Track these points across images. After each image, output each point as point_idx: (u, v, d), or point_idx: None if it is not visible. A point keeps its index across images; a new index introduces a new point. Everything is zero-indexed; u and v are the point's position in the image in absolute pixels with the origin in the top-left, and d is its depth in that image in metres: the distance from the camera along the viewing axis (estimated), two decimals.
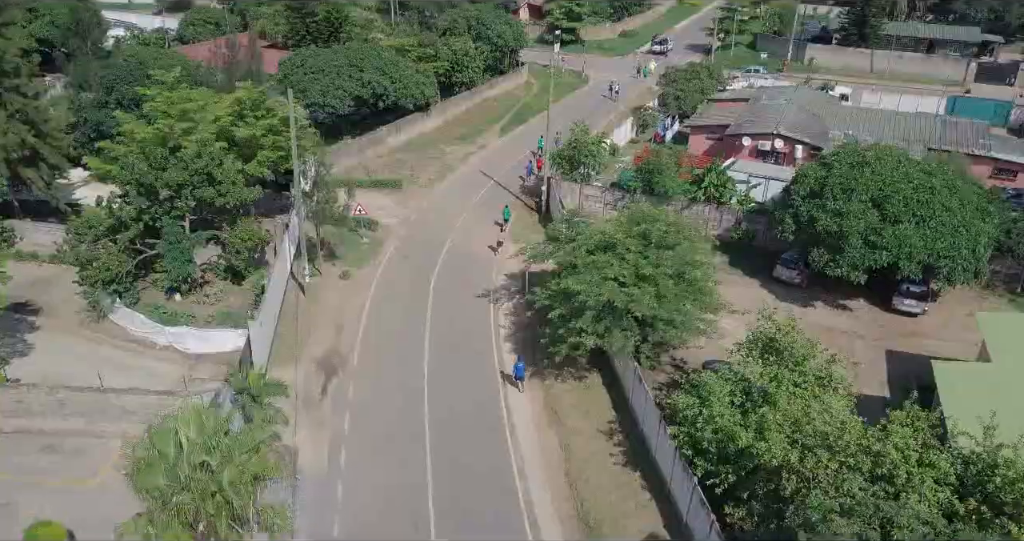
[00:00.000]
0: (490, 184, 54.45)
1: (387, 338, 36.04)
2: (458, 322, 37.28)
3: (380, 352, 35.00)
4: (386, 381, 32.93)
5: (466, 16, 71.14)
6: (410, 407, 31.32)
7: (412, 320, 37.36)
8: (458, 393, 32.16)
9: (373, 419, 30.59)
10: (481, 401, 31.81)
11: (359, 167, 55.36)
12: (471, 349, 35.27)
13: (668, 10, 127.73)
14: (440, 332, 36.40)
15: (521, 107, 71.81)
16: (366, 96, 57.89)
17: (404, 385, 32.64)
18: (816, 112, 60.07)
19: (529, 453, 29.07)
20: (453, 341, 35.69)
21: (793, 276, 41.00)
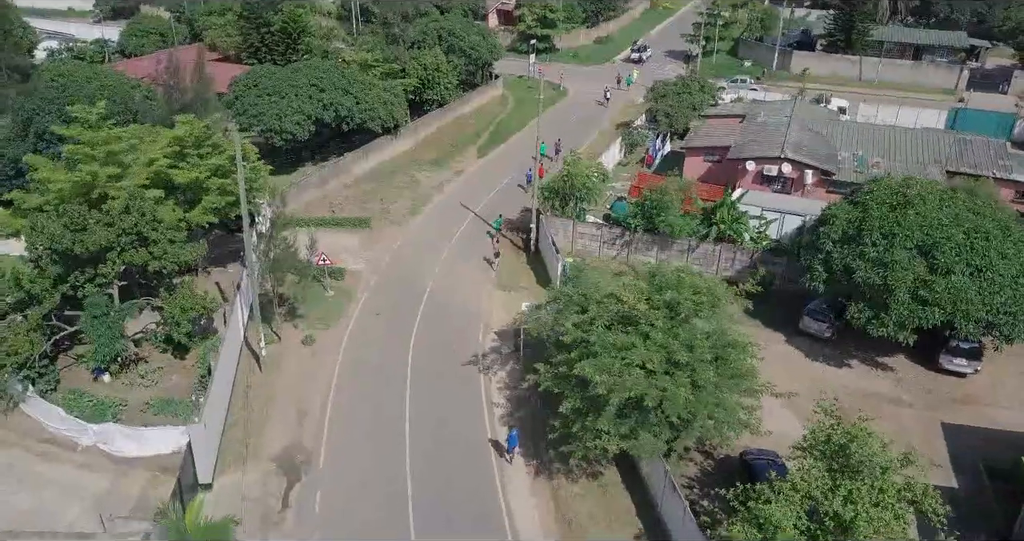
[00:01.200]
0: (470, 218, 48.85)
1: (360, 425, 30.28)
2: (443, 401, 31.63)
3: (352, 444, 29.25)
4: (361, 485, 27.22)
5: (436, 27, 65.33)
6: (392, 520, 25.67)
7: (388, 400, 31.63)
8: (450, 500, 26.58)
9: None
10: (478, 512, 26.25)
11: (322, 201, 49.38)
12: (461, 440, 29.66)
13: (643, 13, 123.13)
14: (422, 415, 30.75)
15: (498, 125, 66.25)
16: (328, 119, 51.91)
17: (383, 490, 26.98)
18: (819, 130, 55.47)
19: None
20: (438, 429, 30.05)
21: (823, 329, 36.12)
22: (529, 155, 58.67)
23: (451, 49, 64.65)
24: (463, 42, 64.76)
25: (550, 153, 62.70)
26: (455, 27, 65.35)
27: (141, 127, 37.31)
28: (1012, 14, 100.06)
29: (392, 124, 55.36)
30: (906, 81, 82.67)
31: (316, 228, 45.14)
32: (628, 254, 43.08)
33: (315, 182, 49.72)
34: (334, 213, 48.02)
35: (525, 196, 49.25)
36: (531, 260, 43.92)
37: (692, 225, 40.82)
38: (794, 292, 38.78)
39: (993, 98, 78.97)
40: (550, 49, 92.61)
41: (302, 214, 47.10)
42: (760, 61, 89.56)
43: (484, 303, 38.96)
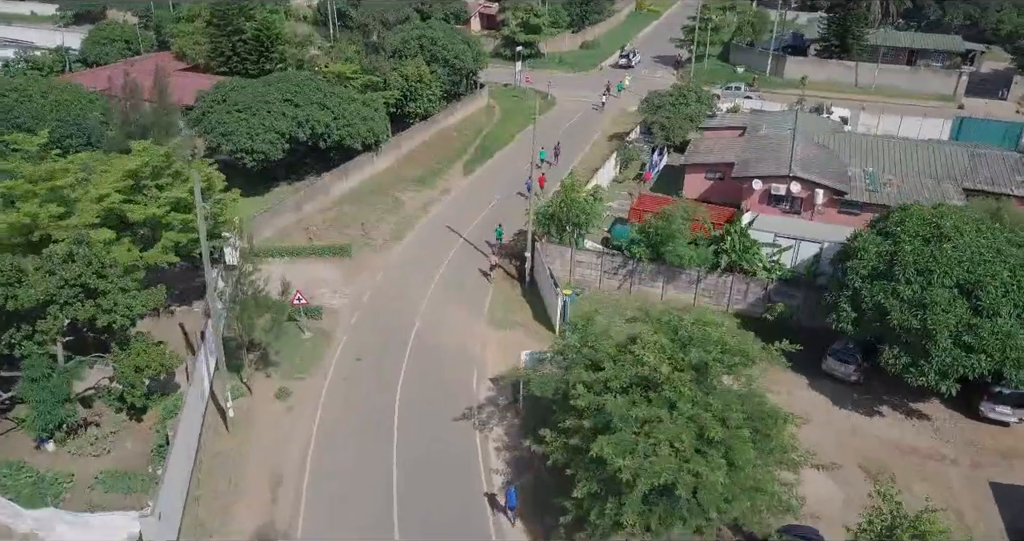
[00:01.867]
0: (458, 243, 45.32)
1: (342, 494, 26.69)
2: (435, 466, 28.09)
3: (333, 519, 25.66)
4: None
5: (418, 35, 61.68)
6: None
7: (373, 465, 28.06)
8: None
9: None
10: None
11: (297, 227, 45.66)
12: (456, 511, 26.16)
13: (628, 17, 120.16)
14: (412, 482, 27.21)
15: (485, 138, 62.76)
16: (303, 136, 48.15)
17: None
18: (825, 143, 52.51)
19: None
20: (430, 499, 26.51)
21: (849, 372, 33.01)
22: (519, 171, 55.72)
23: (434, 58, 61.07)
24: (447, 51, 61.18)
25: (550, 158, 60.40)
26: (438, 35, 61.75)
27: (92, 155, 33.42)
28: (1006, 16, 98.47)
29: (373, 140, 51.68)
30: (903, 87, 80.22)
31: (292, 258, 41.67)
32: (631, 284, 39.76)
33: (290, 206, 45.93)
34: (311, 240, 44.30)
35: (519, 216, 45.71)
36: (526, 291, 40.47)
37: (701, 255, 37.53)
38: (813, 327, 35.76)
39: (992, 104, 76.80)
40: (535, 55, 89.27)
41: (276, 243, 43.45)
42: (753, 66, 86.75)
43: (477, 344, 35.45)
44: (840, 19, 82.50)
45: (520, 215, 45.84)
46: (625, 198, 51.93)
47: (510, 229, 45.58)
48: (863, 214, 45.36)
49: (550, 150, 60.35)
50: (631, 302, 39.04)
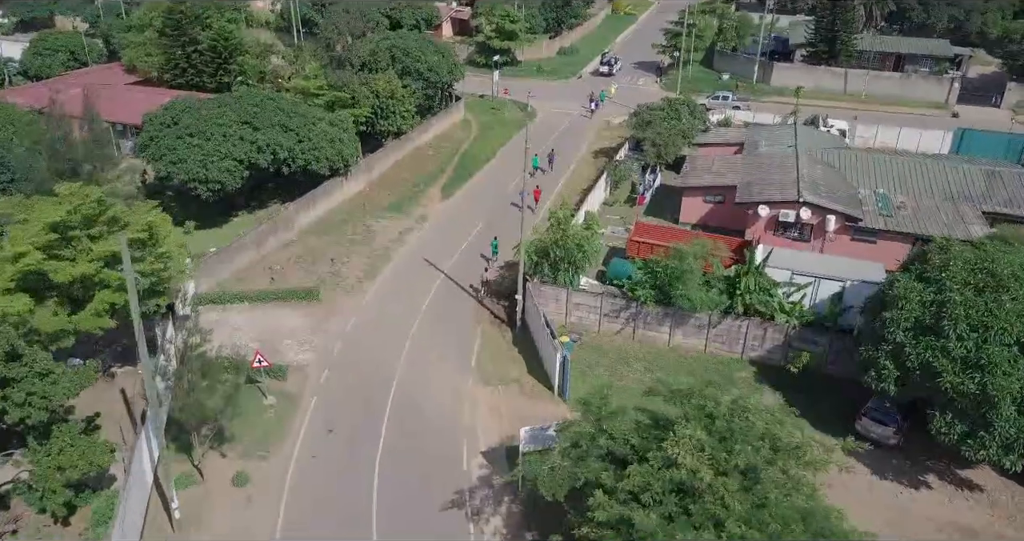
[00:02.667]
0: (440, 280, 40.97)
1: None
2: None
3: None
4: None
5: (388, 46, 57.07)
6: None
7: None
8: None
9: None
10: None
11: (259, 266, 40.94)
12: None
13: (604, 19, 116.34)
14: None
15: (463, 156, 58.35)
16: (264, 163, 43.43)
17: None
18: (829, 161, 49.04)
19: None
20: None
21: (887, 435, 29.25)
22: (502, 193, 51.50)
23: (406, 71, 56.54)
24: (420, 63, 56.68)
25: (544, 165, 57.12)
26: (410, 45, 57.22)
27: (11, 200, 28.53)
28: (989, 19, 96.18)
29: (341, 164, 47.06)
30: (894, 94, 77.31)
31: (253, 303, 36.99)
32: (635, 328, 35.70)
33: (250, 242, 41.16)
34: (273, 281, 39.61)
35: (513, 228, 41.30)
36: (517, 337, 36.22)
37: (713, 299, 33.55)
38: (839, 376, 32.10)
39: (986, 112, 74.20)
40: (511, 62, 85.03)
41: (235, 285, 38.75)
42: (738, 73, 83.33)
43: (465, 407, 31.15)
44: (828, 24, 79.32)
45: (513, 227, 41.67)
46: (617, 223, 47.97)
47: (504, 243, 41.66)
48: (879, 242, 42.00)
49: (544, 157, 57.00)
50: (635, 349, 35.13)
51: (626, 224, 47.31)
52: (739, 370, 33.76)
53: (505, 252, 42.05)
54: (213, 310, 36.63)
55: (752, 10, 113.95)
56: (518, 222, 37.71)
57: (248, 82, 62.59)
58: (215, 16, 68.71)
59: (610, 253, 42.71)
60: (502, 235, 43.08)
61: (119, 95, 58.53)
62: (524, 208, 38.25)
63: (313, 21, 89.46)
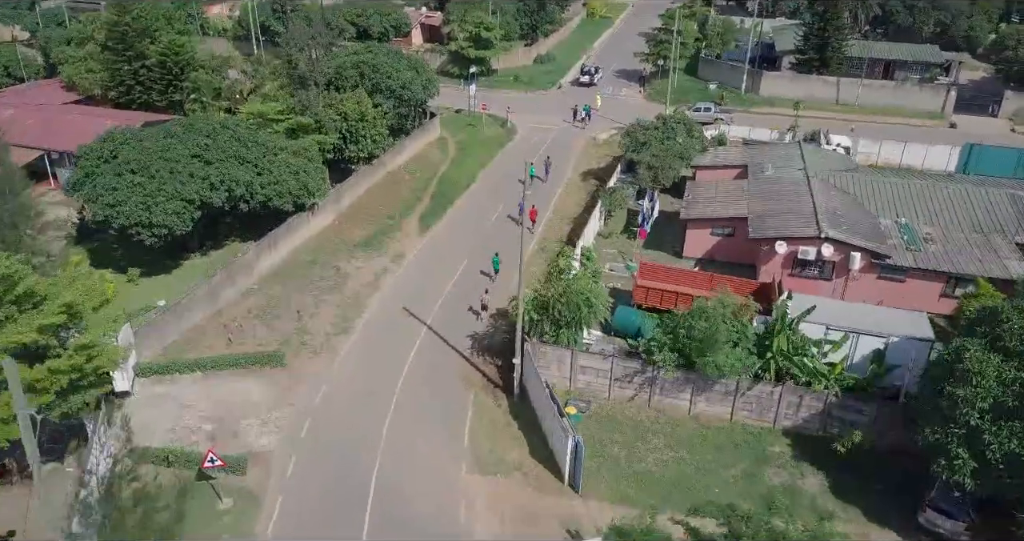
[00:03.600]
0: (423, 333, 36.07)
1: None
2: None
3: None
4: None
5: (356, 62, 51.83)
6: None
7: None
8: None
9: None
10: None
11: (213, 323, 35.67)
12: None
13: (579, 24, 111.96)
14: None
15: (441, 181, 53.39)
16: (218, 202, 38.14)
17: None
18: (842, 186, 45.07)
19: None
20: None
21: (957, 531, 25.05)
22: (486, 224, 46.76)
23: (376, 89, 51.38)
24: (392, 80, 51.55)
25: (540, 174, 54.28)
26: (380, 61, 52.06)
27: None
28: (976, 23, 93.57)
29: (307, 198, 41.89)
30: (889, 104, 73.92)
31: (206, 372, 31.77)
32: (651, 395, 31.14)
33: (203, 295, 35.82)
34: (231, 341, 34.36)
35: (512, 244, 36.59)
36: (516, 406, 31.45)
37: (742, 359, 29.09)
38: (890, 451, 27.92)
39: (983, 122, 71.10)
40: (487, 72, 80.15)
41: (185, 349, 33.48)
42: (726, 83, 79.33)
43: (460, 504, 26.37)
44: (819, 30, 75.66)
45: (510, 242, 38.06)
46: (615, 257, 43.47)
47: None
48: (908, 280, 37.97)
49: (540, 165, 54.73)
50: (651, 419, 30.61)
51: (626, 260, 42.84)
52: (772, 443, 29.42)
53: (506, 269, 38.45)
54: (160, 382, 31.42)
55: (727, 13, 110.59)
56: (515, 231, 33.09)
57: (203, 100, 57.05)
58: (164, 28, 62.89)
59: (619, 306, 38.02)
60: (497, 247, 39.52)
61: (55, 117, 52.69)
62: (523, 229, 33.51)
63: (273, 29, 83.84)
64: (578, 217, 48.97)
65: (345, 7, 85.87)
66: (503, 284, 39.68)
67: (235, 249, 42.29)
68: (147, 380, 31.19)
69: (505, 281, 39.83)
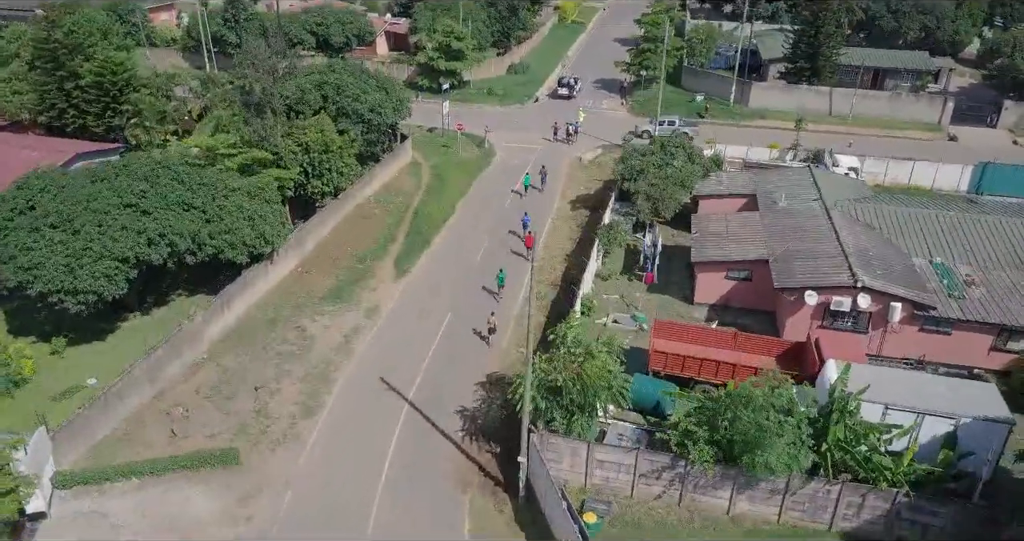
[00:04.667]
0: (404, 412, 30.74)
1: None
2: None
3: None
4: None
5: (318, 83, 46.03)
6: None
7: None
8: None
9: None
10: None
11: (153, 409, 29.91)
12: None
13: (552, 30, 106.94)
14: None
15: (416, 214, 47.94)
16: (158, 258, 32.31)
17: None
18: (864, 219, 40.71)
19: None
20: None
21: None
22: (469, 268, 41.54)
23: (342, 113, 45.74)
24: (359, 103, 45.89)
25: (536, 183, 52.13)
26: (345, 81, 46.34)
27: None
28: (961, 27, 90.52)
29: (264, 247, 36.21)
30: (884, 115, 70.16)
31: (144, 477, 26.08)
32: (682, 493, 26.18)
33: (141, 375, 29.97)
34: (175, 434, 28.63)
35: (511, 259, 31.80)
36: (521, 511, 26.30)
37: (800, 461, 24.24)
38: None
39: (981, 133, 67.71)
40: (459, 85, 74.70)
41: (118, 450, 27.69)
42: (713, 94, 74.93)
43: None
44: (810, 38, 71.59)
45: (508, 255, 33.22)
46: (619, 306, 38.53)
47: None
48: (954, 333, 33.60)
49: (535, 174, 52.42)
50: (684, 521, 25.71)
51: (632, 309, 37.90)
52: None
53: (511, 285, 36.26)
54: (85, 494, 25.65)
55: (699, 16, 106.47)
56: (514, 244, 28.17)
57: (145, 124, 50.84)
58: (100, 44, 56.46)
59: (634, 375, 33.03)
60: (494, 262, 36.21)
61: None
62: (530, 261, 28.54)
63: (226, 40, 77.45)
64: (571, 254, 44.02)
65: (303, 15, 79.66)
66: (507, 301, 38.51)
67: (182, 306, 36.53)
68: (68, 494, 25.43)
69: (510, 300, 38.56)
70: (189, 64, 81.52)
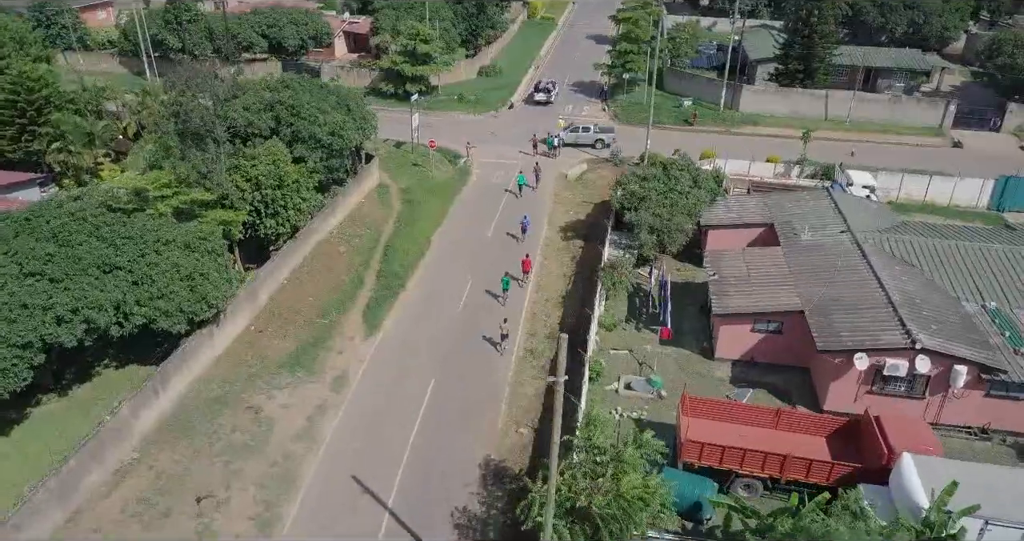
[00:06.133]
0: (384, 521, 24.91)
1: None
2: None
3: None
4: None
5: (270, 102, 39.61)
6: None
7: None
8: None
9: None
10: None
11: (69, 530, 23.67)
12: None
13: (522, 27, 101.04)
14: None
15: (388, 250, 41.94)
16: (71, 339, 25.98)
17: None
18: (900, 253, 35.87)
19: None
20: None
21: None
22: (451, 318, 35.79)
23: (297, 138, 39.49)
24: (318, 127, 39.63)
25: (531, 183, 50.23)
26: (302, 100, 39.99)
27: None
28: (949, 24, 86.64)
29: (207, 312, 30.03)
30: (883, 119, 65.99)
31: None
32: None
33: (51, 492, 23.67)
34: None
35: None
36: None
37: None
38: None
39: (984, 138, 63.79)
40: (427, 91, 68.57)
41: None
42: (699, 97, 69.85)
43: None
44: (805, 38, 66.75)
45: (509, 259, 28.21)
46: (627, 364, 33.12)
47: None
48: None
49: (529, 173, 50.71)
50: None
51: (647, 370, 32.52)
52: None
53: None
54: None
55: (675, 12, 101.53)
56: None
57: (70, 148, 44.10)
58: (15, 54, 49.33)
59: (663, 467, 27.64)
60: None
61: None
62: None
63: (167, 43, 70.22)
64: (567, 295, 38.55)
65: (253, 16, 72.59)
66: (511, 304, 37.12)
67: (111, 382, 30.31)
68: None
69: (513, 305, 36.60)
70: (127, 70, 74.23)
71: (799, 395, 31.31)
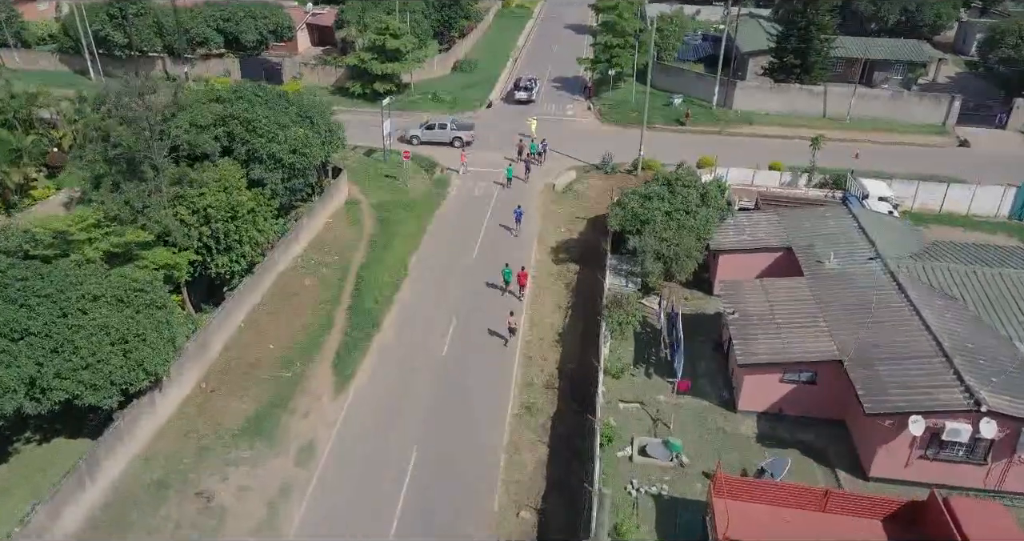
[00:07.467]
0: None
1: None
2: None
3: None
4: None
5: (222, 116, 34.40)
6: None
7: None
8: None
9: None
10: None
11: None
12: None
13: (496, 18, 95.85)
14: None
15: (360, 283, 37.08)
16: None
17: None
18: (938, 284, 31.98)
19: None
20: None
21: None
22: (432, 357, 31.21)
23: (254, 157, 34.41)
24: (276, 144, 34.54)
25: (520, 175, 48.73)
26: (258, 115, 34.78)
27: None
28: (942, 12, 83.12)
29: (145, 381, 25.13)
30: (884, 117, 62.20)
31: None
32: None
33: None
34: None
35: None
36: None
37: None
38: None
39: (990, 135, 60.38)
40: (398, 89, 63.44)
41: None
42: (690, 94, 65.55)
43: None
44: (801, 31, 62.62)
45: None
46: (639, 422, 28.83)
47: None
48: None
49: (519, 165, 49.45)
50: None
51: (665, 429, 28.26)
52: None
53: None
54: None
55: (655, 0, 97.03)
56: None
57: None
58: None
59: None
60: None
61: None
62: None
63: (112, 39, 64.18)
64: (564, 332, 34.18)
65: (206, 9, 66.67)
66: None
67: (32, 460, 25.35)
68: None
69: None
70: (68, 68, 68.04)
71: (837, 457, 27.29)
